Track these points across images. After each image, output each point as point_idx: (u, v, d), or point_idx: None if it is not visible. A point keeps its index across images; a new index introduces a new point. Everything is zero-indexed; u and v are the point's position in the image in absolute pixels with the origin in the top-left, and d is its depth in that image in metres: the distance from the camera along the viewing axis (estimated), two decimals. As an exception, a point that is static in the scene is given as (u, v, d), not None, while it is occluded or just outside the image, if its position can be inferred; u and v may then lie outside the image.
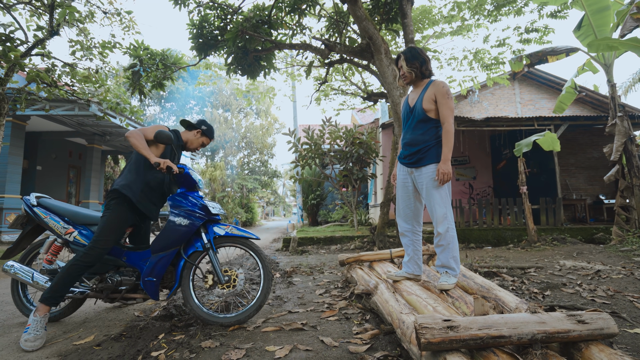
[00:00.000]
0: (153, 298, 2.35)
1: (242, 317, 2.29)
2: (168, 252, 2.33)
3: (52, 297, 2.18)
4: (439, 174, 2.32)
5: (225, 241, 2.45)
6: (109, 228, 2.27)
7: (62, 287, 2.20)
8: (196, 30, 5.90)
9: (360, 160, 8.35)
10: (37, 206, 2.51)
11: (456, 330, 1.35)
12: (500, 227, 7.08)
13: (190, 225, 2.34)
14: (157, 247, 2.33)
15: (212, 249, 2.38)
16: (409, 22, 5.55)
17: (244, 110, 26.41)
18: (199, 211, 2.38)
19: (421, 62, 2.49)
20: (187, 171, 2.42)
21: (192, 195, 2.44)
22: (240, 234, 2.43)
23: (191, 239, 2.43)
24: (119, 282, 2.36)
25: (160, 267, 2.32)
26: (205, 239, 2.39)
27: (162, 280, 2.44)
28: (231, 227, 2.45)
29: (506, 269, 3.80)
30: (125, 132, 11.27)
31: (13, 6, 5.49)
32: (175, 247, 2.35)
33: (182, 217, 2.35)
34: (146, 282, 2.30)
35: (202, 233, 2.41)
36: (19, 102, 5.66)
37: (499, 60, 8.22)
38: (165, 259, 2.33)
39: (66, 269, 2.21)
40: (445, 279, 2.30)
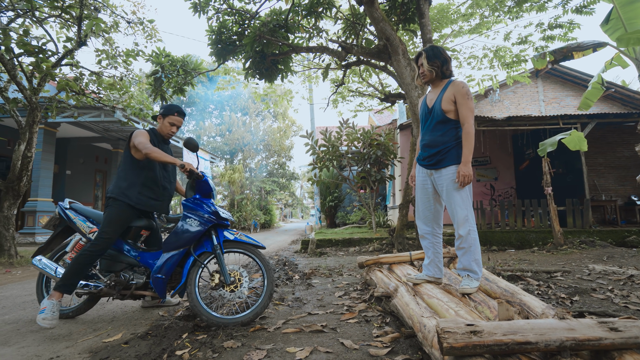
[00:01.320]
0: (160, 295, 2.49)
1: (241, 319, 2.34)
2: (178, 251, 2.48)
3: (64, 284, 2.38)
4: (460, 176, 2.28)
5: (233, 246, 2.58)
6: (111, 221, 2.48)
7: (73, 275, 2.39)
8: (215, 36, 6.03)
9: (378, 161, 8.29)
10: (69, 209, 2.78)
11: (480, 335, 1.32)
12: (523, 229, 6.87)
13: (200, 227, 2.48)
14: (168, 246, 2.48)
15: (221, 250, 2.49)
16: (427, 22, 5.49)
17: (262, 114, 26.71)
18: (209, 215, 2.51)
19: (442, 62, 2.46)
20: (206, 178, 2.57)
21: (205, 201, 2.58)
22: (248, 241, 2.56)
23: (201, 241, 2.56)
24: (130, 278, 2.55)
25: (169, 265, 2.46)
26: (215, 241, 2.50)
27: (170, 280, 2.57)
28: (240, 234, 2.58)
29: (531, 272, 3.68)
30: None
31: (45, 19, 5.77)
32: (185, 246, 2.49)
33: (194, 219, 2.49)
34: (155, 279, 2.44)
35: (213, 236, 2.53)
36: (50, 110, 5.94)
37: (520, 58, 8.00)
38: (175, 257, 2.47)
39: (76, 258, 2.41)
40: (467, 283, 2.26)
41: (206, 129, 25.50)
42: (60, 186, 11.70)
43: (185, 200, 2.58)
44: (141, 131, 2.61)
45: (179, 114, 2.73)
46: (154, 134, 2.72)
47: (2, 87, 5.49)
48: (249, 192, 22.01)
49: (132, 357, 1.92)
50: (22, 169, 5.59)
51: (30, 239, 8.66)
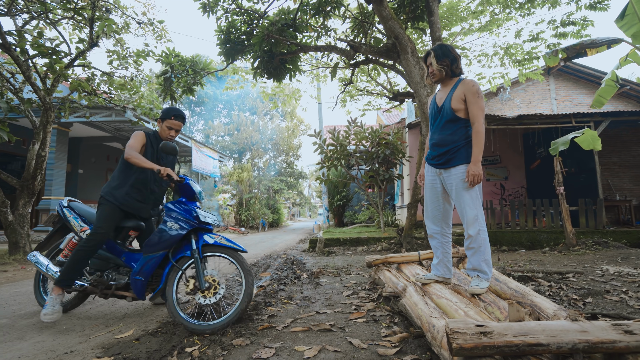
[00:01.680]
0: (138, 297, 2.51)
1: (215, 327, 2.27)
2: (157, 254, 2.47)
3: (63, 279, 2.50)
4: (469, 175, 2.26)
5: (214, 250, 2.51)
6: (103, 218, 2.57)
7: (71, 270, 2.50)
8: (224, 36, 6.07)
9: (387, 160, 8.25)
10: (66, 207, 2.86)
11: (490, 336, 1.31)
12: (534, 229, 6.78)
13: (179, 230, 2.47)
14: (147, 249, 2.48)
15: (198, 255, 2.44)
16: (436, 20, 5.44)
17: (270, 113, 26.80)
18: (190, 219, 2.49)
19: (451, 60, 2.44)
20: (187, 181, 2.57)
21: (189, 204, 2.57)
22: (228, 245, 2.48)
23: (182, 245, 2.55)
24: (112, 279, 2.61)
25: (148, 267, 2.47)
26: (194, 245, 2.47)
27: (151, 282, 2.58)
28: (221, 238, 2.52)
29: (542, 273, 3.63)
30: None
31: (58, 21, 5.88)
32: (164, 250, 2.48)
33: (173, 222, 2.48)
34: (134, 280, 2.47)
35: (192, 240, 2.49)
36: (63, 110, 6.05)
37: (532, 55, 7.88)
38: (154, 260, 2.47)
39: (73, 254, 2.51)
40: (476, 283, 2.24)
41: (215, 128, 25.69)
42: (73, 185, 11.92)
43: (167, 203, 2.59)
44: (137, 133, 2.65)
45: (177, 117, 2.71)
46: (155, 137, 2.75)
47: (18, 88, 5.61)
48: (257, 191, 22.13)
49: (143, 353, 1.94)
50: (36, 168, 5.71)
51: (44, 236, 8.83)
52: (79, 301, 2.86)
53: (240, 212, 19.86)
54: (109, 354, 1.94)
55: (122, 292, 2.60)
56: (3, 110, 4.86)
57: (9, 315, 2.75)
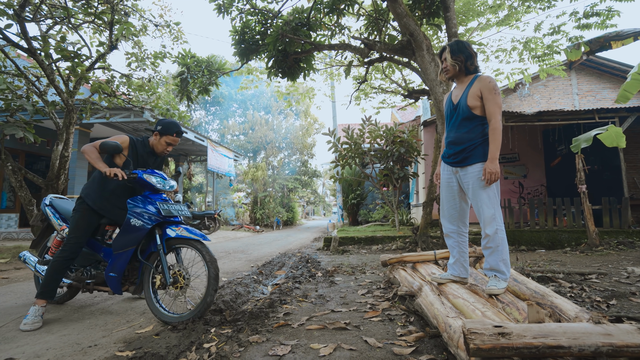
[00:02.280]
0: (115, 292, 2.57)
1: (182, 318, 2.36)
2: (125, 251, 2.49)
3: (44, 292, 2.52)
4: (486, 173, 2.23)
5: (179, 242, 2.52)
6: (76, 227, 2.57)
7: (50, 281, 2.53)
8: (238, 37, 6.13)
9: (401, 159, 8.18)
10: (48, 206, 2.92)
11: (508, 337, 1.29)
12: (555, 228, 6.59)
13: (142, 226, 2.47)
14: (116, 246, 2.50)
15: (162, 250, 2.46)
16: (452, 16, 5.35)
17: (284, 112, 26.93)
18: (153, 213, 2.49)
19: (466, 56, 2.40)
20: (140, 176, 2.53)
21: (154, 197, 2.58)
22: (188, 236, 2.47)
23: (150, 240, 2.57)
24: (90, 275, 2.68)
25: (120, 264, 2.50)
26: (158, 241, 2.48)
27: (130, 276, 2.63)
28: (182, 229, 2.51)
29: (563, 274, 3.54)
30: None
31: (79, 25, 6.07)
32: (131, 246, 2.49)
33: (136, 218, 2.48)
34: (109, 277, 2.53)
35: (157, 235, 2.51)
36: (84, 112, 6.24)
37: (553, 49, 7.64)
38: (123, 256, 2.49)
39: (50, 265, 2.53)
40: (494, 283, 2.20)
41: (230, 128, 26.00)
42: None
43: (129, 199, 2.57)
44: (121, 135, 2.68)
45: (178, 134, 2.69)
46: (142, 144, 2.74)
47: (42, 91, 5.81)
48: (272, 190, 22.29)
49: (163, 348, 2.00)
50: (60, 168, 5.91)
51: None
52: (71, 295, 3.00)
53: (255, 211, 20.06)
54: (131, 348, 2.00)
55: (101, 288, 2.67)
56: (29, 112, 5.05)
57: (36, 309, 2.86)
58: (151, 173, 2.62)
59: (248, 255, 6.68)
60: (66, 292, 2.97)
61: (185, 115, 8.14)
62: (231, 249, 7.93)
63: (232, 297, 3.00)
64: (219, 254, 6.77)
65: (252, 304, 2.82)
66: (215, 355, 1.85)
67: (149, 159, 2.77)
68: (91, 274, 2.70)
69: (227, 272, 4.63)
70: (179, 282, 2.46)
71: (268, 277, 4.19)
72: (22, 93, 5.79)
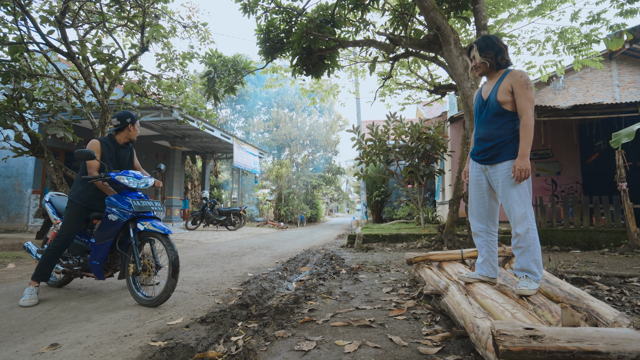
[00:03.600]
0: (98, 277, 2.98)
1: (154, 301, 2.74)
2: (105, 242, 2.86)
3: (37, 275, 2.94)
4: (515, 170, 2.16)
5: (148, 235, 2.87)
6: (67, 221, 2.98)
7: (43, 267, 2.94)
8: (263, 35, 6.21)
9: (427, 155, 8.03)
10: (47, 202, 3.36)
11: (540, 340, 1.25)
12: (591, 228, 6.26)
13: (118, 220, 2.83)
14: (97, 238, 2.90)
15: (134, 242, 2.83)
16: (481, 7, 5.17)
17: (308, 109, 27.02)
18: (127, 209, 2.83)
19: (496, 52, 2.32)
20: (113, 177, 2.89)
21: (130, 195, 2.93)
22: (153, 230, 2.79)
23: (127, 233, 2.91)
24: (78, 263, 3.09)
25: (101, 254, 2.88)
26: (132, 234, 2.85)
27: (112, 264, 3.04)
28: (149, 224, 2.83)
29: (600, 276, 3.36)
30: (202, 133, 12.33)
31: (113, 29, 6.34)
32: (109, 238, 2.86)
33: (112, 214, 2.84)
34: (92, 264, 2.93)
35: (130, 229, 2.87)
36: (118, 112, 6.53)
37: (591, 38, 7.21)
38: (103, 247, 2.87)
39: (44, 253, 2.95)
40: (525, 284, 2.13)
41: (255, 125, 26.41)
42: (127, 181, 12.85)
43: (108, 197, 2.94)
44: (91, 142, 3.06)
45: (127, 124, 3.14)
46: (111, 140, 3.14)
47: (80, 92, 6.14)
48: (296, 187, 22.47)
49: (193, 339, 2.07)
50: (96, 166, 6.22)
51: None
52: (67, 280, 3.39)
53: (279, 207, 20.31)
54: (163, 339, 2.09)
55: (88, 274, 3.10)
56: (68, 113, 5.35)
57: (77, 298, 3.05)
58: (124, 174, 2.96)
59: (273, 251, 6.78)
60: (62, 278, 3.39)
61: (212, 113, 8.35)
62: (256, 245, 8.08)
63: (257, 292, 3.07)
64: (245, 250, 6.92)
65: (278, 300, 2.87)
66: (243, 349, 1.90)
67: (120, 153, 3.20)
68: (79, 262, 3.10)
69: (252, 268, 4.73)
70: (148, 269, 2.83)
71: (292, 273, 4.25)
72: (62, 95, 6.13)
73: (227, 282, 3.78)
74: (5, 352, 1.93)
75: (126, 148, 3.26)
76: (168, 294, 2.71)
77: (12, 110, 4.99)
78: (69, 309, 2.73)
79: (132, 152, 3.36)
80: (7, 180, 10.21)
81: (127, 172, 2.99)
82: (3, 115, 4.83)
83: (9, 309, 2.74)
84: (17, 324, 2.40)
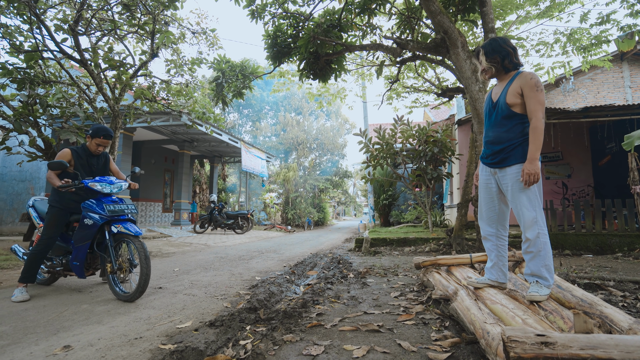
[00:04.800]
0: (79, 276, 3.22)
1: (130, 296, 2.99)
2: (84, 244, 3.09)
3: (24, 277, 3.18)
4: (524, 174, 2.14)
5: (122, 237, 3.10)
6: (49, 225, 3.19)
7: (28, 270, 3.17)
8: (271, 40, 6.26)
9: (435, 159, 7.98)
10: (31, 207, 3.60)
11: (552, 347, 1.24)
12: (604, 232, 6.15)
13: (93, 224, 3.04)
14: (76, 240, 3.13)
15: (110, 243, 3.07)
16: (489, 10, 5.16)
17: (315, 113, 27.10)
18: (101, 212, 3.06)
19: (503, 56, 2.31)
20: (86, 185, 3.14)
21: (104, 199, 3.15)
22: (125, 232, 3.03)
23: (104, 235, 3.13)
24: (60, 263, 3.33)
25: (80, 255, 3.11)
26: (107, 236, 3.08)
27: (92, 264, 3.28)
28: (121, 226, 3.06)
29: (614, 281, 3.30)
30: (210, 137, 12.44)
31: (124, 36, 6.47)
32: (87, 240, 3.08)
33: (88, 218, 3.07)
34: (73, 265, 3.16)
35: (106, 231, 3.09)
36: (128, 117, 6.63)
37: (601, 39, 7.12)
38: (82, 249, 3.10)
39: (28, 257, 3.19)
40: (535, 289, 2.10)
41: (262, 129, 26.56)
42: (137, 184, 13.05)
43: (84, 202, 3.16)
44: (62, 151, 3.27)
45: (105, 137, 3.30)
46: (83, 149, 3.38)
47: (92, 98, 6.25)
48: (303, 190, 22.50)
49: (202, 343, 2.09)
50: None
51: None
52: (53, 279, 3.67)
53: (287, 211, 20.35)
54: (172, 342, 2.11)
55: (70, 273, 3.35)
56: (81, 118, 5.45)
57: (89, 301, 3.10)
58: (98, 181, 3.20)
59: (280, 255, 6.79)
60: (49, 277, 3.66)
61: (220, 118, 8.43)
62: (264, 248, 8.11)
63: (265, 296, 3.08)
64: (252, 253, 6.95)
65: (286, 304, 2.88)
66: (251, 352, 1.91)
67: (91, 161, 3.41)
68: (62, 262, 3.34)
69: (260, 272, 4.74)
70: (123, 267, 3.09)
71: (300, 277, 4.25)
72: (74, 101, 6.26)
73: (235, 285, 3.80)
74: (20, 354, 1.97)
75: (99, 155, 3.48)
76: (142, 289, 2.97)
77: (27, 116, 5.11)
78: (80, 312, 2.77)
79: (107, 158, 3.57)
80: (21, 184, 10.43)
81: (102, 178, 3.24)
82: (18, 121, 4.94)
83: (23, 311, 2.79)
84: (31, 325, 2.44)
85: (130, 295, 3.01)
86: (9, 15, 5.02)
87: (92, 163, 3.42)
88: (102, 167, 3.51)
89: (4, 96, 5.28)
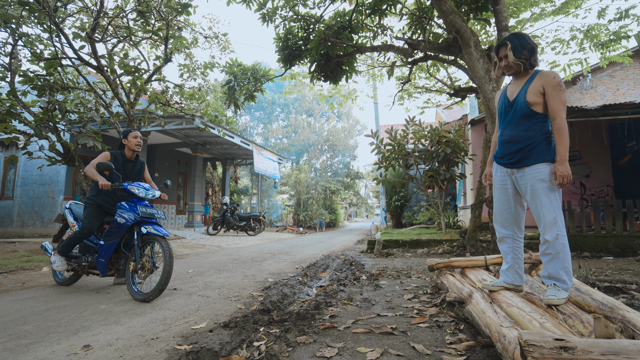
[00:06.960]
0: (102, 274, 3.43)
1: (147, 296, 3.07)
2: (111, 242, 3.29)
3: (61, 250, 3.59)
4: (557, 177, 2.08)
5: (150, 238, 3.25)
6: (87, 217, 3.49)
7: (66, 246, 3.55)
8: (282, 43, 6.31)
9: (447, 159, 7.89)
10: (67, 209, 3.87)
11: (572, 352, 1.21)
12: (625, 233, 5.97)
13: (124, 224, 3.23)
14: (105, 238, 3.33)
15: (136, 243, 3.21)
16: (502, 8, 5.08)
17: (326, 114, 27.13)
18: (133, 213, 3.26)
19: (530, 51, 2.25)
20: (125, 187, 3.36)
21: (137, 202, 3.36)
22: (154, 233, 3.21)
23: (132, 236, 3.30)
24: (86, 260, 3.55)
25: (107, 252, 3.31)
26: (135, 236, 3.24)
27: (115, 263, 3.46)
28: (151, 227, 3.24)
29: (636, 285, 3.20)
30: (222, 140, 12.59)
31: (139, 42, 6.61)
32: (116, 238, 3.28)
33: (121, 217, 3.26)
34: (98, 261, 3.37)
35: (135, 232, 3.26)
36: (143, 121, 6.77)
37: (620, 35, 6.92)
38: (110, 246, 3.30)
39: (69, 238, 3.55)
40: (553, 292, 2.06)
41: (273, 131, 26.73)
42: (152, 187, 13.30)
43: (119, 203, 3.37)
44: (103, 153, 3.53)
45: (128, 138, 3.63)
46: (121, 155, 3.63)
47: (108, 103, 6.41)
48: (315, 192, 22.51)
49: (217, 344, 2.11)
50: (123, 173, 6.47)
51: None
52: (75, 279, 3.88)
53: (298, 213, 20.40)
54: (188, 343, 2.14)
55: (93, 271, 3.56)
56: (98, 123, 5.60)
57: (107, 302, 3.17)
58: (136, 185, 3.43)
59: (292, 256, 6.82)
60: (71, 276, 3.88)
61: (232, 120, 8.53)
62: (276, 250, 8.15)
63: (278, 297, 3.09)
64: (265, 255, 6.99)
65: (298, 305, 2.88)
66: (265, 354, 1.92)
67: (127, 166, 3.65)
68: (88, 260, 3.55)
69: (273, 273, 4.77)
70: (146, 267, 3.21)
71: (313, 279, 4.25)
72: (91, 106, 6.43)
73: (248, 287, 3.83)
74: (43, 352, 2.03)
75: (135, 162, 3.72)
76: (163, 287, 3.07)
77: (46, 122, 5.27)
78: (99, 312, 2.84)
79: (143, 166, 3.81)
80: (41, 187, 10.75)
81: (139, 183, 3.47)
82: (39, 127, 5.10)
83: (45, 311, 2.87)
84: (52, 325, 2.52)
85: (147, 295, 3.11)
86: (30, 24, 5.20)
87: (127, 168, 3.65)
88: (137, 173, 3.74)
89: (25, 103, 5.46)
